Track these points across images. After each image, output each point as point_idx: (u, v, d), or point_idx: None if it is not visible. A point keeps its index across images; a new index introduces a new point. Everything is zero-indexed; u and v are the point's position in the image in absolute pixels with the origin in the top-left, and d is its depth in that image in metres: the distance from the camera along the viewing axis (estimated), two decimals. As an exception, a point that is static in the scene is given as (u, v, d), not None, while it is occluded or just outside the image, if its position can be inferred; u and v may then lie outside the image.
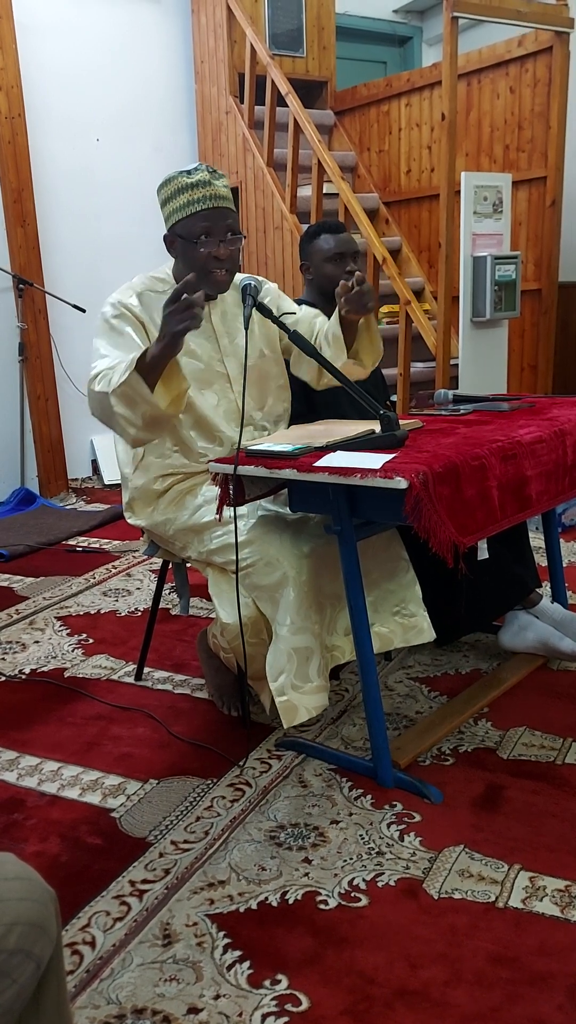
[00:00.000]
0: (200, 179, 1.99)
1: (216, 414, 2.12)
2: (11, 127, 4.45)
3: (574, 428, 2.11)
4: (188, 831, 1.79)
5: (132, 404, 1.83)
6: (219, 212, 2.00)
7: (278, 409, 2.27)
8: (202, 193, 1.98)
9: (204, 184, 1.98)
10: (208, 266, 2.01)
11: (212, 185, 1.99)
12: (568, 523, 3.71)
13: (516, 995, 1.35)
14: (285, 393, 2.30)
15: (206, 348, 2.13)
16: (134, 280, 2.13)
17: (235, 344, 2.16)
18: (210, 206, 1.98)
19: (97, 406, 1.92)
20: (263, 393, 2.24)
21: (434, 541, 1.67)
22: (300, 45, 5.42)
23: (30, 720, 2.28)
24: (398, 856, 1.68)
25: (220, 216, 2.00)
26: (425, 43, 6.69)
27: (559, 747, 2.04)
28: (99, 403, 1.90)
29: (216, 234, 2.00)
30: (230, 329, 2.17)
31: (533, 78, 4.42)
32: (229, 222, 2.02)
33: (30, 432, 4.75)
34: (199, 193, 1.98)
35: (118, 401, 1.83)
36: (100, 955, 1.46)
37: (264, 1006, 1.35)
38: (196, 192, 1.98)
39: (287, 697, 1.86)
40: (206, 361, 2.13)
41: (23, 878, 0.94)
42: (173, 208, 2.02)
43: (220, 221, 2.00)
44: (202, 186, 1.98)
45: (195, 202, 1.98)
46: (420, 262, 5.24)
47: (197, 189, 1.98)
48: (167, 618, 2.94)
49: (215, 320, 2.15)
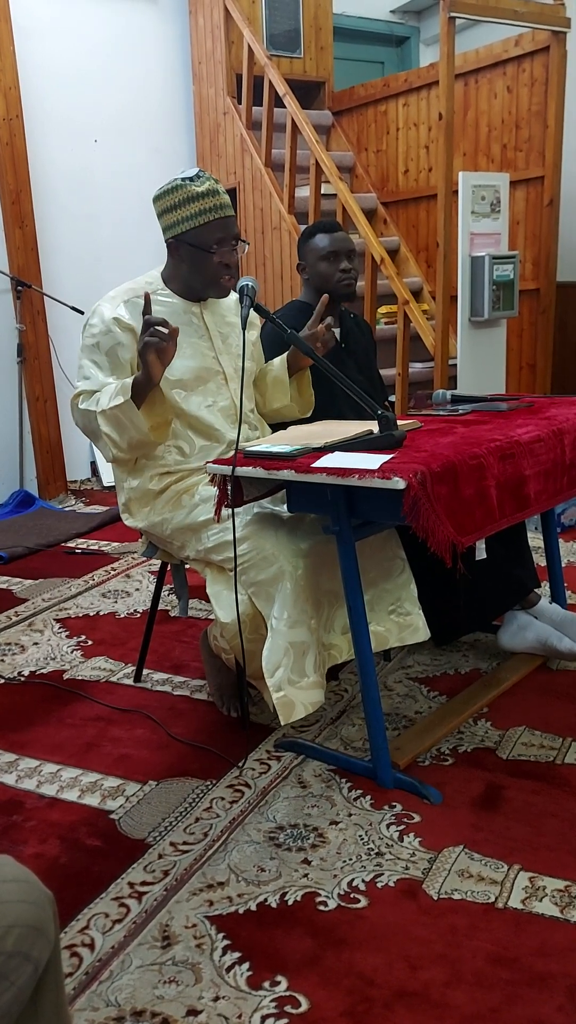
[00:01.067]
0: (209, 188, 2.04)
1: (212, 412, 2.13)
2: (9, 129, 4.45)
3: (572, 427, 2.11)
4: (187, 832, 1.78)
5: (120, 427, 1.96)
6: (229, 221, 2.07)
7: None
8: (213, 203, 2.03)
9: (213, 194, 2.04)
10: (220, 274, 2.08)
11: (220, 195, 2.05)
12: (567, 523, 3.71)
13: (516, 996, 1.35)
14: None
15: (200, 347, 2.15)
16: (118, 289, 2.15)
17: (228, 343, 2.19)
18: (222, 215, 2.05)
19: (83, 421, 2.05)
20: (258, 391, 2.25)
21: (432, 541, 1.67)
22: (297, 46, 5.42)
23: (29, 722, 2.27)
24: (397, 857, 1.68)
25: (230, 225, 2.07)
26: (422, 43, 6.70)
27: (559, 747, 2.04)
28: (85, 419, 2.03)
29: (226, 243, 2.06)
30: (222, 328, 2.20)
31: (530, 78, 4.42)
32: (235, 230, 2.09)
33: (29, 434, 4.75)
34: (210, 203, 2.03)
35: (106, 422, 1.96)
36: (99, 957, 1.46)
37: (263, 1008, 1.35)
38: (207, 202, 2.03)
39: (284, 693, 1.86)
40: (201, 359, 2.14)
41: (21, 880, 0.94)
42: (182, 216, 2.05)
43: (230, 230, 2.07)
44: (212, 195, 2.03)
45: (207, 211, 2.03)
46: (418, 262, 5.24)
47: (208, 199, 2.03)
48: (166, 619, 2.94)
49: (208, 320, 2.18)
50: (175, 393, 2.09)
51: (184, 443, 2.13)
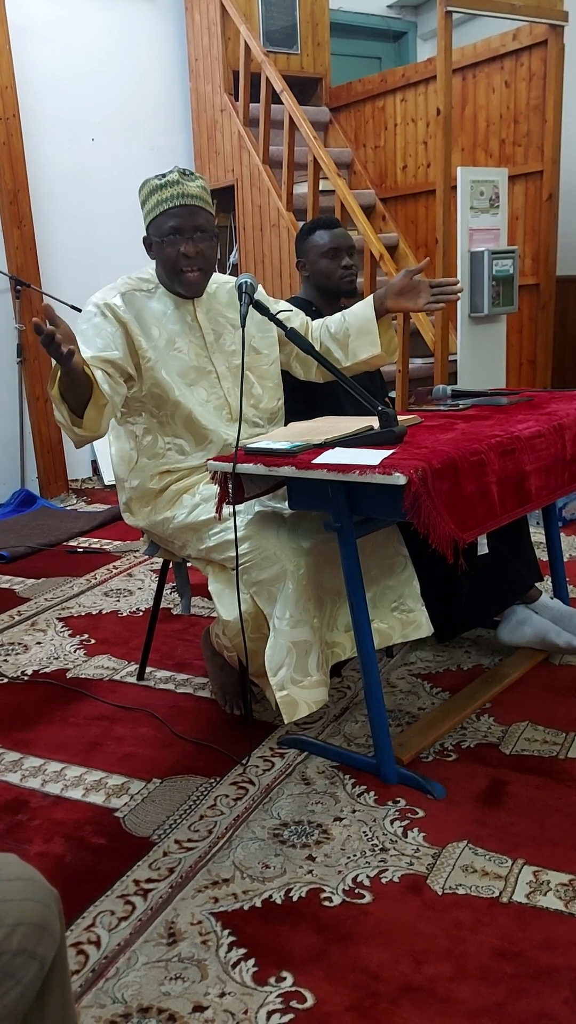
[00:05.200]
0: (170, 179, 2.02)
1: (206, 410, 2.13)
2: (6, 128, 4.44)
3: (573, 422, 2.11)
4: (192, 830, 1.79)
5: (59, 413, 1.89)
6: (187, 210, 2.02)
7: (271, 406, 2.27)
8: (171, 192, 2.01)
9: (173, 184, 2.02)
10: (179, 264, 2.04)
11: (181, 184, 2.02)
12: (568, 517, 3.71)
13: (521, 990, 1.35)
14: (278, 391, 2.30)
15: (191, 345, 2.14)
16: (118, 281, 2.14)
17: (220, 342, 2.18)
18: (178, 204, 2.01)
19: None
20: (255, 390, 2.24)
21: (433, 537, 1.67)
22: (294, 42, 5.42)
23: (33, 721, 2.28)
24: (402, 852, 1.68)
25: (189, 214, 2.02)
26: (420, 38, 6.68)
27: (561, 742, 2.04)
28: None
29: (185, 232, 2.02)
30: (216, 326, 2.18)
31: (528, 72, 4.41)
32: (198, 221, 2.03)
33: (29, 434, 4.76)
34: (167, 192, 2.01)
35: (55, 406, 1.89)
36: (105, 954, 1.46)
37: (269, 1003, 1.35)
38: (165, 192, 2.02)
39: (287, 692, 1.87)
40: (192, 358, 2.13)
41: (26, 879, 0.94)
42: (147, 210, 2.06)
43: (189, 220, 2.02)
44: (171, 186, 2.02)
45: (163, 201, 2.02)
46: (417, 258, 5.23)
47: (166, 189, 2.02)
48: (168, 618, 2.94)
49: (200, 317, 2.16)
50: (175, 390, 2.08)
51: (183, 441, 2.13)
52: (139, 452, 2.14)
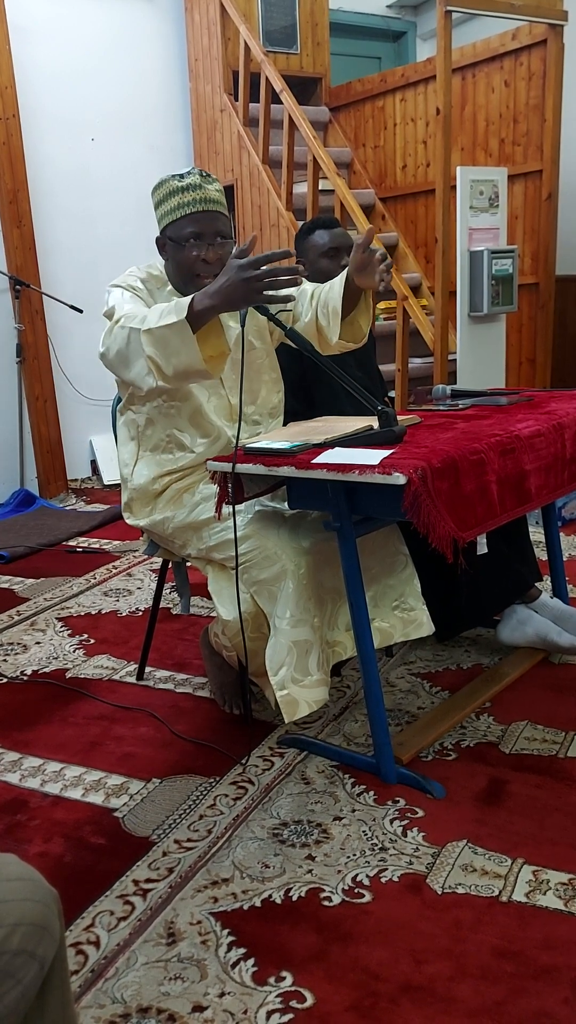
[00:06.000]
0: (191, 182, 2.00)
1: (208, 409, 2.12)
2: (6, 128, 4.44)
3: (572, 422, 2.11)
4: (191, 829, 1.79)
5: (167, 349, 1.77)
6: (209, 215, 2.00)
7: (272, 401, 2.26)
8: (192, 196, 1.99)
9: (195, 187, 1.99)
10: (196, 269, 2.02)
11: (203, 188, 2.00)
12: (568, 517, 3.71)
13: (521, 989, 1.35)
14: (278, 385, 2.29)
15: None
16: (132, 269, 2.13)
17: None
18: (200, 209, 1.99)
19: (120, 344, 1.86)
20: (255, 386, 2.23)
21: (433, 536, 1.67)
22: (294, 42, 5.42)
23: (32, 721, 2.28)
24: (401, 852, 1.68)
25: (210, 220, 2.00)
26: (419, 38, 6.68)
27: (561, 741, 2.04)
28: (124, 341, 1.84)
29: (205, 238, 2.01)
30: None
31: (528, 71, 4.41)
32: (219, 226, 2.02)
33: (29, 433, 4.75)
34: (189, 196, 1.99)
35: (152, 342, 1.78)
36: (105, 955, 1.46)
37: (269, 1003, 1.35)
38: (187, 195, 1.99)
39: (287, 691, 1.87)
40: None
41: (25, 879, 0.94)
42: (164, 211, 2.03)
43: (210, 225, 2.00)
44: (192, 189, 1.99)
45: (185, 205, 1.99)
46: (417, 257, 5.24)
47: (188, 192, 1.99)
48: (168, 617, 2.94)
49: None
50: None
51: (184, 435, 2.13)
52: (141, 444, 2.15)
